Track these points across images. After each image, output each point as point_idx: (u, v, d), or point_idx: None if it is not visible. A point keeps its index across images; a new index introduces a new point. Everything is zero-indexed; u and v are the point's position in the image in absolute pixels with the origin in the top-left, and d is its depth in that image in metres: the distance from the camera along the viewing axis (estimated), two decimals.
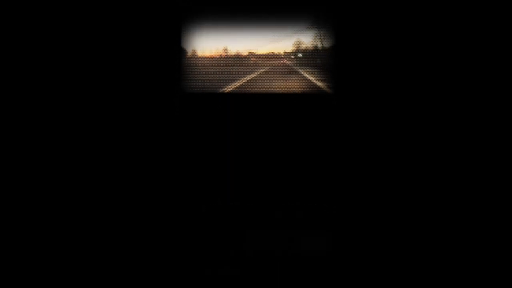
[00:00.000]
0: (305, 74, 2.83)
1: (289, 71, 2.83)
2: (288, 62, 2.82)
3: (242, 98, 2.77)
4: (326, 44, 2.75)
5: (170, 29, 2.68)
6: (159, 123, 2.65)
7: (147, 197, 2.61)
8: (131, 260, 2.33)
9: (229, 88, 2.80)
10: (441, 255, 2.34)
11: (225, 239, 2.58)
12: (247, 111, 2.77)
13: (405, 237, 2.48)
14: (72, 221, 2.51)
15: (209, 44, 2.79)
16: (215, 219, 2.71)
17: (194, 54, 2.79)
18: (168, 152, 2.66)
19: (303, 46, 2.79)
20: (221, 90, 2.79)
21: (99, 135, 2.59)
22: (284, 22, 2.75)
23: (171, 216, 2.63)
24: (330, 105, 2.71)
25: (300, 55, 2.80)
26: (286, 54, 2.81)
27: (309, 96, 2.77)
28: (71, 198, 2.54)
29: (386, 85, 2.60)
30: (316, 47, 2.78)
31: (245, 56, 2.83)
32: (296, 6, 2.73)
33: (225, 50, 2.81)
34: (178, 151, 2.69)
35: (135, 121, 2.63)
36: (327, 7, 2.72)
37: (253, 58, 2.84)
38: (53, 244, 2.41)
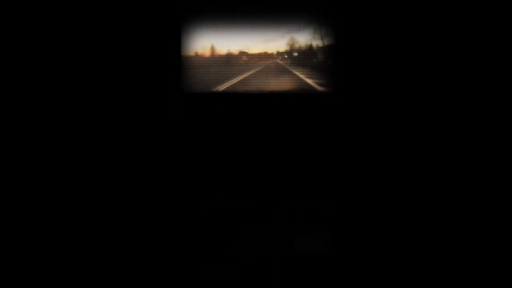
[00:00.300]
0: (301, 74, 2.84)
1: (285, 70, 2.83)
2: (281, 62, 2.83)
3: (242, 98, 2.77)
4: (326, 43, 2.75)
5: (170, 29, 2.68)
6: (159, 123, 2.64)
7: (147, 197, 2.61)
8: (131, 260, 2.33)
9: (228, 86, 2.80)
10: (441, 254, 2.34)
11: (225, 239, 2.58)
12: (247, 111, 2.77)
13: (405, 236, 2.48)
14: (72, 221, 2.51)
15: (208, 43, 2.79)
16: (215, 219, 2.71)
17: (193, 54, 2.79)
18: (168, 152, 2.66)
19: (299, 46, 2.79)
20: (219, 89, 2.79)
21: (99, 135, 2.59)
22: (283, 22, 2.75)
23: (171, 216, 2.62)
24: (330, 105, 2.71)
25: (295, 54, 2.80)
26: (279, 54, 2.82)
27: (309, 96, 2.77)
28: (71, 198, 2.54)
29: (386, 84, 2.60)
30: (314, 46, 2.78)
31: (244, 55, 2.83)
32: (297, 6, 2.74)
33: (224, 49, 2.81)
34: (178, 151, 2.69)
35: (134, 121, 2.63)
36: (328, 6, 2.72)
37: (251, 58, 2.84)
38: (53, 244, 2.41)
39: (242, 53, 2.83)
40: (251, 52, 2.83)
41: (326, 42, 2.75)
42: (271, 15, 2.75)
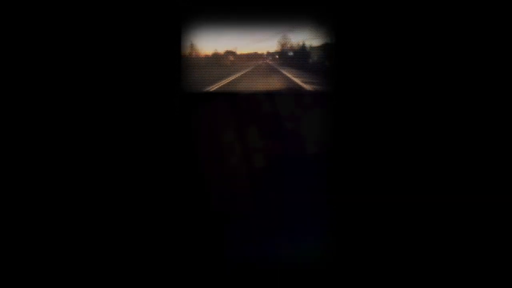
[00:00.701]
0: (301, 75, 2.84)
1: (282, 71, 2.84)
2: (276, 62, 2.83)
3: (243, 98, 2.78)
4: (323, 42, 2.75)
5: (170, 29, 2.68)
6: (158, 122, 2.65)
7: (147, 197, 2.61)
8: (131, 260, 2.34)
9: (226, 85, 2.81)
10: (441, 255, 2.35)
11: (225, 239, 2.59)
12: (247, 111, 2.78)
13: (406, 237, 2.49)
14: (72, 222, 2.52)
15: (207, 43, 2.79)
16: (215, 218, 2.72)
17: (192, 53, 2.79)
18: (168, 152, 2.66)
19: (296, 45, 2.80)
20: (218, 89, 2.80)
21: (99, 135, 2.59)
22: (282, 22, 2.76)
23: (171, 216, 2.63)
24: (330, 105, 2.71)
25: (291, 53, 2.81)
26: (273, 53, 2.83)
27: (309, 96, 2.77)
28: (70, 199, 2.54)
29: (385, 85, 2.60)
30: (313, 47, 2.79)
31: (243, 55, 2.84)
32: (301, 6, 2.73)
33: (221, 49, 2.82)
34: (177, 151, 2.69)
35: (134, 120, 2.63)
36: (327, 6, 2.72)
37: (250, 57, 2.85)
38: (54, 245, 2.42)
39: (241, 53, 2.83)
40: (250, 52, 2.84)
41: (324, 42, 2.75)
42: (272, 15, 2.75)
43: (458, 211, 2.47)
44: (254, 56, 2.84)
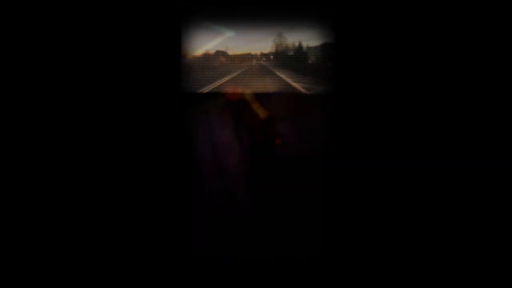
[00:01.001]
0: (302, 75, 2.84)
1: (282, 71, 2.85)
2: (274, 62, 2.84)
3: (241, 98, 2.78)
4: (322, 43, 2.75)
5: (170, 29, 2.68)
6: (158, 122, 2.66)
7: (146, 195, 2.62)
8: (130, 261, 2.35)
9: (227, 85, 2.82)
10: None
11: (223, 238, 2.60)
12: (245, 111, 2.78)
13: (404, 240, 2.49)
14: (72, 223, 2.53)
15: (208, 43, 2.80)
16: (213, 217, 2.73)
17: (193, 53, 2.80)
18: (167, 151, 2.67)
19: (294, 46, 2.80)
20: (219, 88, 2.80)
21: (100, 135, 2.61)
22: (282, 22, 2.76)
23: (171, 216, 2.64)
24: (330, 106, 2.71)
25: (291, 53, 2.81)
26: (272, 54, 2.83)
27: (311, 97, 2.77)
28: (70, 200, 2.55)
29: (385, 86, 2.59)
30: (311, 47, 2.79)
31: (242, 55, 2.85)
32: (302, 6, 2.74)
33: (224, 49, 2.83)
34: (177, 150, 2.70)
35: (134, 120, 2.64)
36: (327, 6, 2.72)
37: (248, 57, 2.86)
38: (53, 247, 2.43)
39: (240, 53, 2.84)
40: (249, 51, 2.84)
41: (321, 42, 2.75)
42: (272, 15, 2.75)
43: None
44: (254, 56, 2.85)
